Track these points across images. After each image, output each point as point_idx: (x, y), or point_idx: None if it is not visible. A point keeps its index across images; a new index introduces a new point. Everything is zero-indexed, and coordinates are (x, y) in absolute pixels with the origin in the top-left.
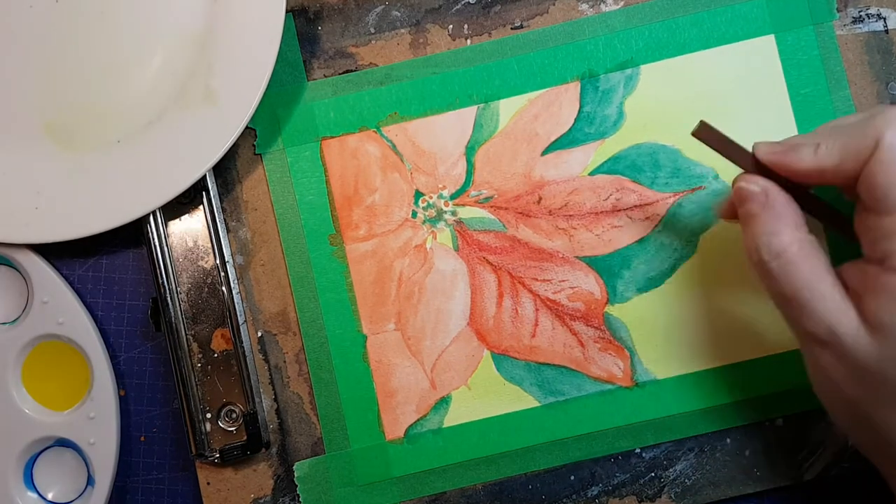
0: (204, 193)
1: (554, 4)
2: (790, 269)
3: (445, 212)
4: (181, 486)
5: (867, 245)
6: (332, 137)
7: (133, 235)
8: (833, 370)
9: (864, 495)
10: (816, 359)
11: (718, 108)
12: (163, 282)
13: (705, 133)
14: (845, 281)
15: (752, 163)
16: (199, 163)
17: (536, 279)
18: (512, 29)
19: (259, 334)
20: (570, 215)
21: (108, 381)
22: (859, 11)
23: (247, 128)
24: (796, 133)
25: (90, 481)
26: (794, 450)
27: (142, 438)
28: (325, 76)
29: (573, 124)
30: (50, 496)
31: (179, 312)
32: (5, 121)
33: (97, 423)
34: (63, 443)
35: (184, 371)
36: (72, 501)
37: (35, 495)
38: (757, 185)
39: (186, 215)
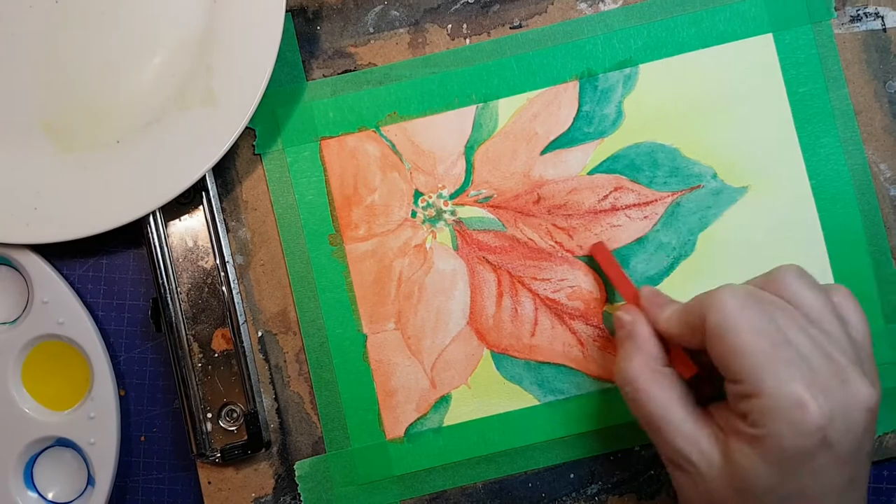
0: (204, 193)
1: (553, 4)
2: (639, 396)
3: (445, 211)
4: (181, 486)
5: (730, 397)
6: (332, 137)
7: (133, 235)
8: (689, 492)
9: None
10: (675, 480)
11: (717, 107)
12: (163, 282)
13: (600, 253)
14: (715, 416)
15: (631, 294)
16: (198, 163)
17: (536, 278)
18: (511, 28)
19: (259, 334)
20: (569, 214)
21: (108, 381)
22: (857, 10)
23: (246, 128)
24: (794, 132)
25: (90, 481)
26: None
27: (142, 438)
28: (324, 76)
29: (572, 124)
30: (50, 496)
31: (180, 312)
32: (5, 121)
33: (97, 423)
34: (63, 443)
35: (184, 371)
36: (72, 501)
37: (35, 495)
38: (628, 314)
39: (186, 215)
